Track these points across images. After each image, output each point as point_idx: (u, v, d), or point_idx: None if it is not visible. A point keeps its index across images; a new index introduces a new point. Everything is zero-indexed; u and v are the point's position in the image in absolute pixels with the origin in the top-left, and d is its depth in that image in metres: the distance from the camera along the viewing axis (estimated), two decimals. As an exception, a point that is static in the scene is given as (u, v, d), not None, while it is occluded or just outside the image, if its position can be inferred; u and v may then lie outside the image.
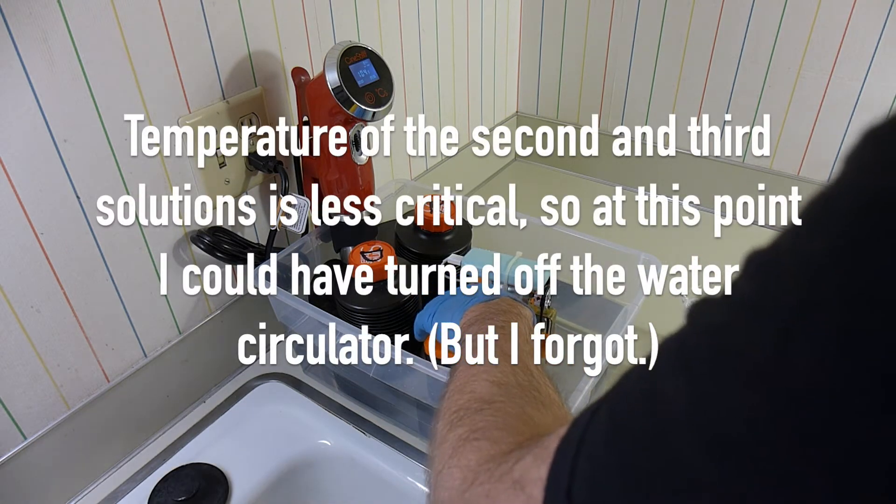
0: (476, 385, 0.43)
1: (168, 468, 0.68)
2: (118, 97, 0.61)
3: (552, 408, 0.42)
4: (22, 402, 0.61)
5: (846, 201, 0.20)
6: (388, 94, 0.70)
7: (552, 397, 0.43)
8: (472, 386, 0.43)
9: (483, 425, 0.38)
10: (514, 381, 0.43)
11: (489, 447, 0.36)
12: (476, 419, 0.39)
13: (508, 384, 0.43)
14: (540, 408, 0.41)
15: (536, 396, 0.42)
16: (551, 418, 0.40)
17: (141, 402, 0.72)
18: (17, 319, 0.59)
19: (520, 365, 0.46)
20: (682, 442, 0.23)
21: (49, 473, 0.65)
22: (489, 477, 0.34)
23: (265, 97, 0.75)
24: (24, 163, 0.56)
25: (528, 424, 0.38)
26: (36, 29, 0.53)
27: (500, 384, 0.43)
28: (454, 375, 0.47)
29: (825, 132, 1.03)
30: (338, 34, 0.83)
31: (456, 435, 0.39)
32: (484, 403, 0.41)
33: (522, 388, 0.43)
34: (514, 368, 0.45)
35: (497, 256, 0.71)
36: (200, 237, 0.72)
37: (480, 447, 0.36)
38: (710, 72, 1.08)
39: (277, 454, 0.71)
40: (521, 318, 0.54)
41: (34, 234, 0.58)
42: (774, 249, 0.23)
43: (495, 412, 0.40)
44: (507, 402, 0.41)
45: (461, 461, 0.36)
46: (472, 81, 1.15)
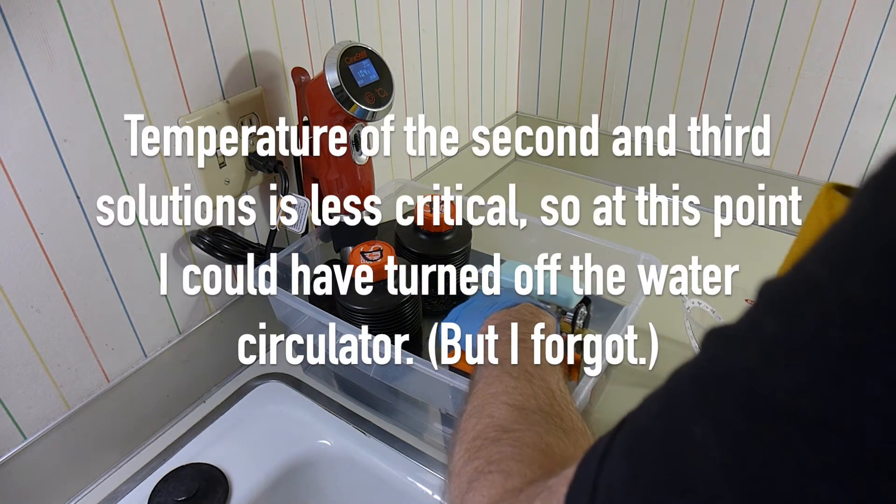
0: (495, 409, 0.41)
1: (168, 468, 0.68)
2: (118, 97, 0.61)
3: (574, 436, 0.39)
4: (22, 402, 0.61)
5: (879, 239, 0.19)
6: (388, 94, 0.70)
7: (575, 424, 0.41)
8: (491, 409, 0.42)
9: (498, 457, 0.37)
10: (535, 406, 0.41)
11: (503, 481, 0.35)
12: (492, 451, 0.38)
13: (528, 409, 0.41)
14: (561, 436, 0.39)
15: (558, 423, 0.40)
16: (573, 448, 0.38)
17: (141, 402, 0.72)
18: (17, 319, 0.59)
19: (541, 384, 0.44)
20: (721, 497, 0.21)
21: (49, 473, 0.65)
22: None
23: (265, 97, 0.75)
24: (24, 163, 0.56)
25: (547, 455, 0.37)
26: (36, 29, 0.53)
27: (520, 409, 0.41)
28: (473, 392, 0.45)
29: (825, 132, 1.03)
30: (338, 34, 0.83)
31: (472, 468, 0.38)
32: (502, 432, 0.39)
33: (543, 413, 0.41)
34: (535, 390, 0.43)
35: (529, 270, 0.69)
36: (200, 237, 0.72)
37: (494, 482, 0.35)
38: (710, 72, 1.08)
39: (277, 454, 0.71)
40: (545, 326, 0.52)
41: (34, 234, 0.58)
42: (801, 281, 0.21)
43: (513, 442, 0.38)
44: (525, 430, 0.39)
45: (475, 496, 0.36)
46: (472, 81, 1.15)
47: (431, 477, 0.68)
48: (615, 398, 0.76)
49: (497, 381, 0.45)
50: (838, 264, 0.20)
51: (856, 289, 0.19)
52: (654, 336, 0.77)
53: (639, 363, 0.77)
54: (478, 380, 0.47)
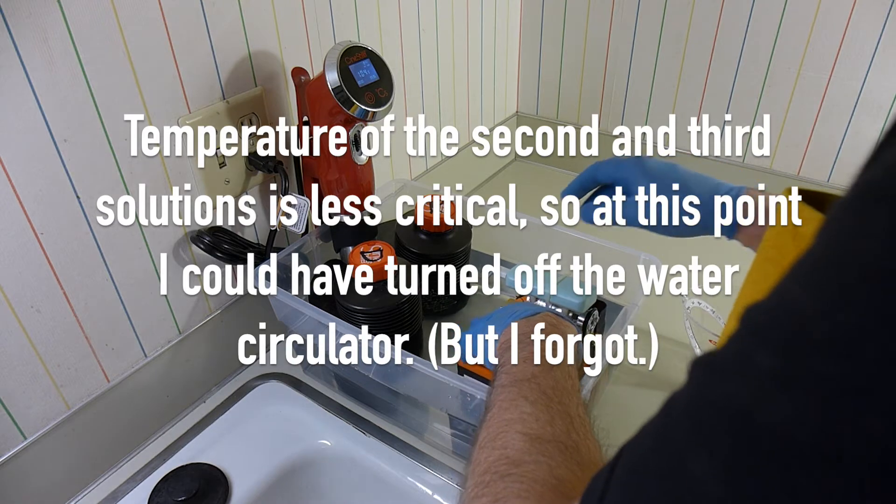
0: (508, 439, 0.40)
1: (168, 468, 0.68)
2: (118, 97, 0.61)
3: (590, 470, 0.38)
4: (22, 402, 0.61)
5: (874, 271, 0.18)
6: (388, 94, 0.70)
7: (591, 456, 0.40)
8: (504, 440, 0.40)
9: (505, 494, 0.36)
10: (550, 435, 0.40)
11: None
12: (499, 487, 0.37)
13: (543, 439, 0.40)
14: (575, 469, 0.38)
15: (573, 456, 0.39)
16: (585, 483, 0.38)
17: (141, 402, 0.72)
18: (17, 319, 0.59)
19: (559, 409, 0.42)
20: None
21: (49, 473, 0.65)
22: None
23: (265, 97, 0.75)
24: (24, 163, 0.56)
25: (556, 491, 0.36)
26: (36, 29, 0.53)
27: (534, 439, 0.40)
28: (488, 417, 0.43)
29: (825, 132, 1.03)
30: (338, 34, 0.83)
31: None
32: (512, 466, 0.38)
33: (559, 444, 0.39)
34: (553, 415, 0.41)
35: (541, 272, 0.68)
36: (200, 237, 0.72)
37: None
38: (710, 72, 1.08)
39: (277, 454, 0.71)
40: (565, 337, 0.50)
41: (34, 234, 0.58)
42: (789, 311, 0.20)
43: (521, 478, 0.37)
44: (536, 465, 0.38)
45: None
46: (472, 81, 1.15)
47: (431, 477, 0.68)
48: (615, 398, 0.76)
49: (513, 406, 0.43)
50: (826, 293, 0.19)
51: (848, 319, 0.18)
52: (655, 336, 0.77)
53: (639, 363, 0.77)
54: (493, 401, 0.45)
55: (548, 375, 0.45)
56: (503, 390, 0.46)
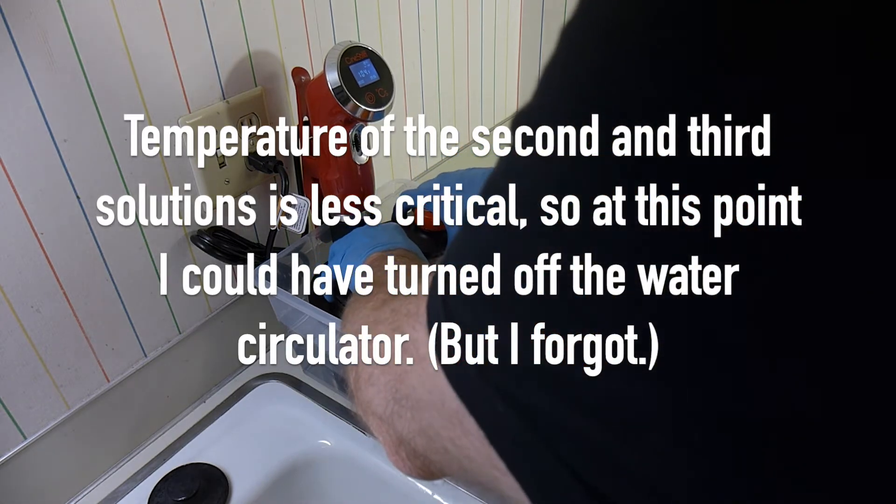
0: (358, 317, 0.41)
1: (168, 468, 0.68)
2: (118, 97, 0.61)
3: None
4: (22, 402, 0.61)
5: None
6: (388, 94, 0.70)
7: None
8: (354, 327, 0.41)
9: (392, 317, 0.36)
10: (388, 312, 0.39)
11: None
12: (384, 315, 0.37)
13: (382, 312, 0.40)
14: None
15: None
16: None
17: (141, 402, 0.72)
18: (17, 319, 0.59)
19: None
20: None
21: (49, 473, 0.65)
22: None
23: (265, 97, 0.75)
24: (24, 163, 0.56)
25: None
26: (36, 29, 0.53)
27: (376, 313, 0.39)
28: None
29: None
30: (338, 34, 0.83)
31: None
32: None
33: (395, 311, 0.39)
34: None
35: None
36: (200, 237, 0.72)
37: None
38: (710, 72, 1.08)
39: (277, 454, 0.71)
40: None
41: (34, 234, 0.58)
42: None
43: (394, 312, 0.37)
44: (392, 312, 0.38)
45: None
46: (472, 81, 1.15)
47: (431, 477, 0.68)
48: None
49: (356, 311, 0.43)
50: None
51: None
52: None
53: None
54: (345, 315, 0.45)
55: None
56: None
